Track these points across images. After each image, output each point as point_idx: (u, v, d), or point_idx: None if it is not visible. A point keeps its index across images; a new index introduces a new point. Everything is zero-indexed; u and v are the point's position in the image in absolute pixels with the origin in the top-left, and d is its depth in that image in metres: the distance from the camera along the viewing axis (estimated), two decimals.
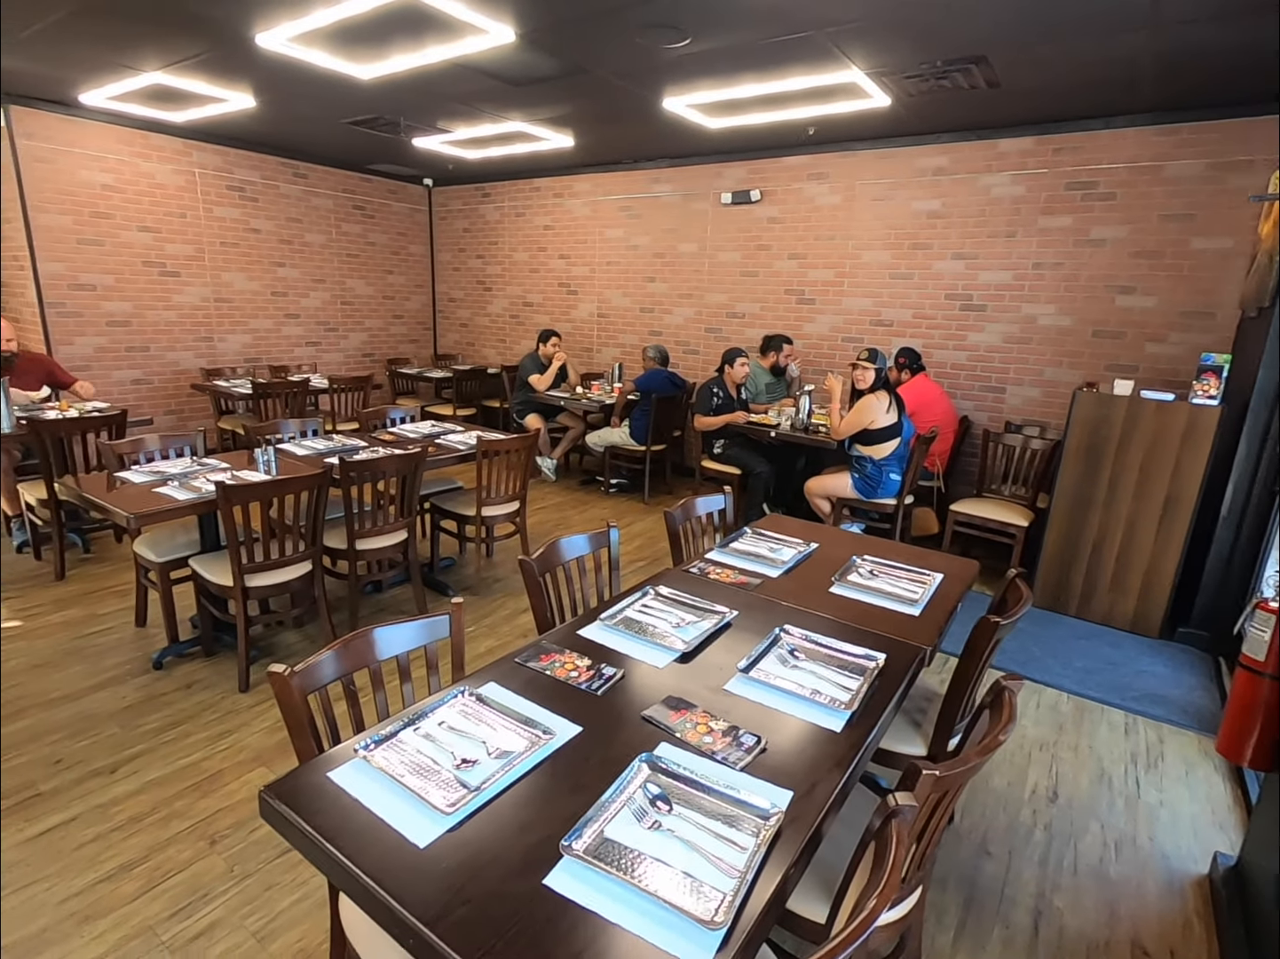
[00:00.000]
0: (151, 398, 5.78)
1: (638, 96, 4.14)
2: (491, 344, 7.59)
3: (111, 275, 5.42)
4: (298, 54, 3.55)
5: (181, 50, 3.71)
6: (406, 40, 3.36)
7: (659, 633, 1.65)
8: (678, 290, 6.08)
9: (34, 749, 2.30)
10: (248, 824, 2.02)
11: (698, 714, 1.34)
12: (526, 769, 1.17)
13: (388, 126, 5.11)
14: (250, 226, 6.19)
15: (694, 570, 2.07)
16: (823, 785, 1.17)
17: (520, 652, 1.55)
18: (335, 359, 7.08)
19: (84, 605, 3.30)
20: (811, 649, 1.61)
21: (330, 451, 3.36)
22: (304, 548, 2.76)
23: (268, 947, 1.66)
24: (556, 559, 1.95)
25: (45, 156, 4.98)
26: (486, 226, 7.28)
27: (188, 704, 2.59)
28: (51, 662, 2.82)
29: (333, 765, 1.16)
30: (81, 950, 1.62)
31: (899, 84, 3.69)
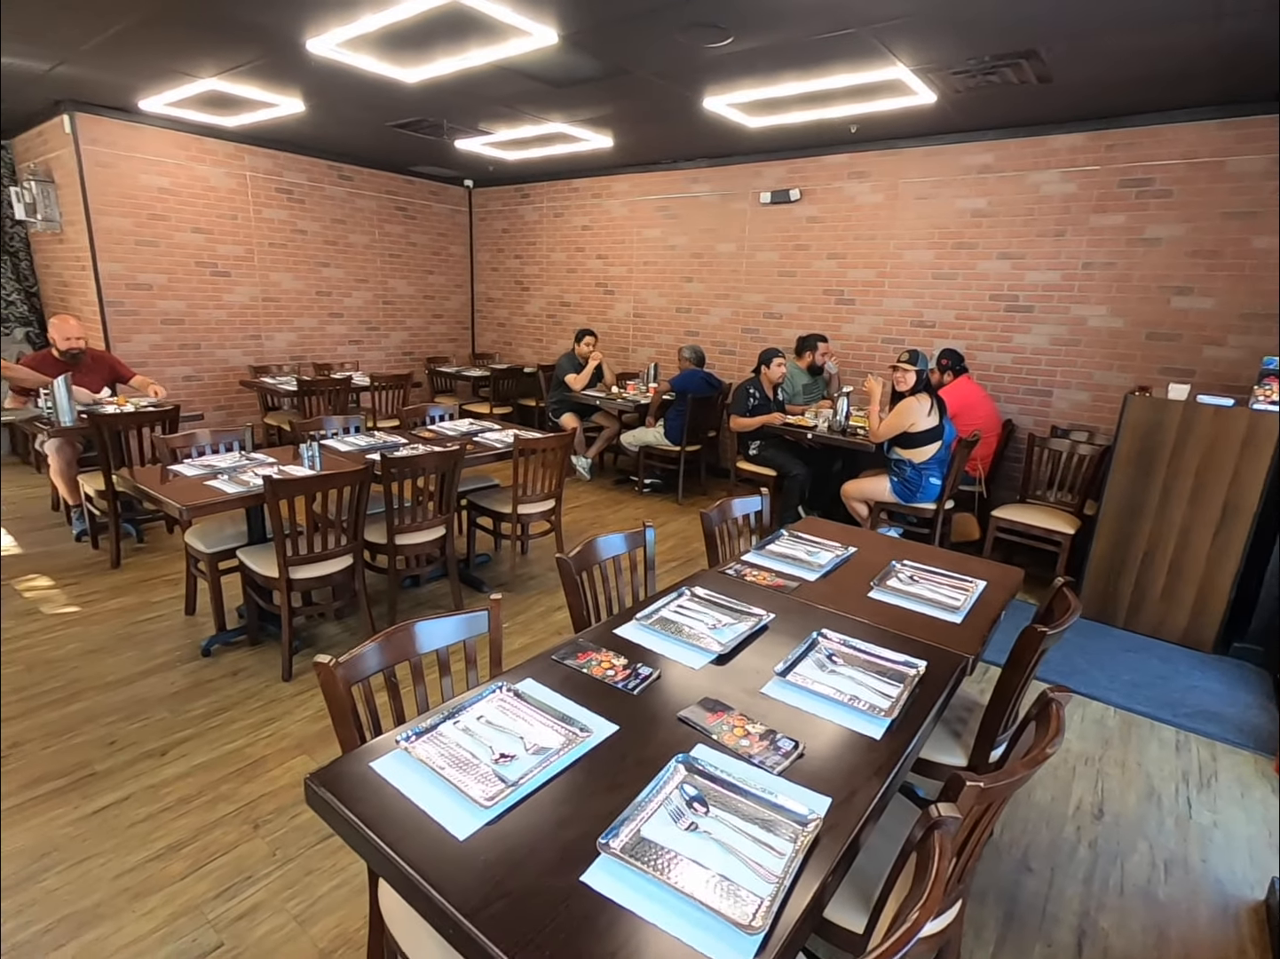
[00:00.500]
0: (202, 394, 5.97)
1: (678, 96, 4.14)
2: (528, 343, 7.66)
3: (166, 275, 5.62)
4: (346, 59, 3.63)
5: (236, 57, 3.82)
6: (450, 43, 3.41)
7: (695, 634, 1.65)
8: (715, 290, 6.05)
9: (90, 730, 2.40)
10: (289, 810, 2.08)
11: (734, 717, 1.33)
12: (563, 766, 1.18)
13: (431, 129, 5.19)
14: (297, 228, 6.36)
15: (730, 572, 2.05)
16: (862, 793, 1.16)
17: (557, 649, 1.56)
18: (377, 357, 7.22)
19: (137, 593, 3.42)
20: (850, 654, 1.58)
21: (372, 448, 3.43)
22: (346, 542, 2.82)
23: (308, 929, 1.70)
24: (593, 558, 1.96)
25: (107, 161, 5.19)
26: (525, 227, 7.35)
27: (233, 691, 2.67)
28: (106, 647, 2.93)
29: (375, 756, 1.19)
30: (133, 925, 1.69)
31: (945, 80, 3.62)
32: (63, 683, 2.66)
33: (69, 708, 2.51)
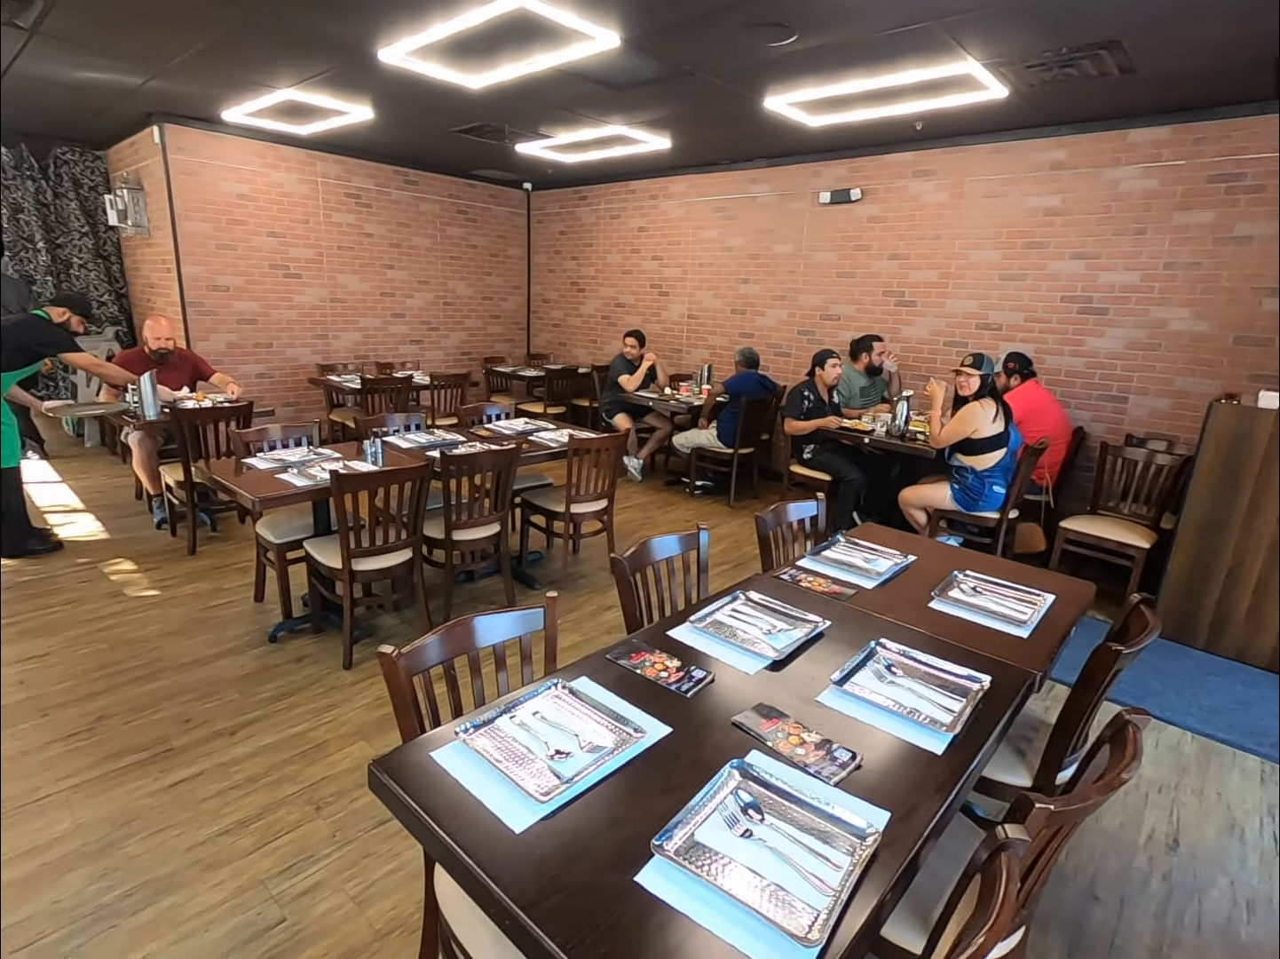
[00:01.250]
0: (273, 390, 6.24)
1: (738, 97, 4.11)
2: (583, 344, 7.73)
3: (242, 277, 5.90)
4: (414, 67, 3.74)
5: (312, 67, 3.98)
6: (515, 49, 3.48)
7: (749, 639, 1.63)
8: (771, 292, 5.99)
9: (168, 708, 2.53)
10: (349, 793, 2.15)
11: (789, 724, 1.31)
12: (618, 765, 1.18)
13: (493, 133, 5.30)
14: (364, 231, 6.58)
15: (785, 577, 2.03)
16: (922, 809, 1.12)
17: (611, 648, 1.57)
18: (436, 357, 7.42)
19: (211, 580, 3.60)
20: (910, 666, 1.54)
21: (431, 445, 3.52)
22: (406, 536, 2.90)
23: (365, 910, 1.76)
24: (647, 559, 1.97)
25: (192, 169, 5.48)
26: (582, 229, 7.42)
27: (298, 677, 2.77)
28: (183, 630, 3.09)
29: (435, 746, 1.21)
30: (204, 895, 1.77)
31: (1018, 74, 3.49)
32: (144, 662, 2.82)
33: (149, 685, 2.66)
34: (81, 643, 2.93)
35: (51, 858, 1.86)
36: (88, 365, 3.95)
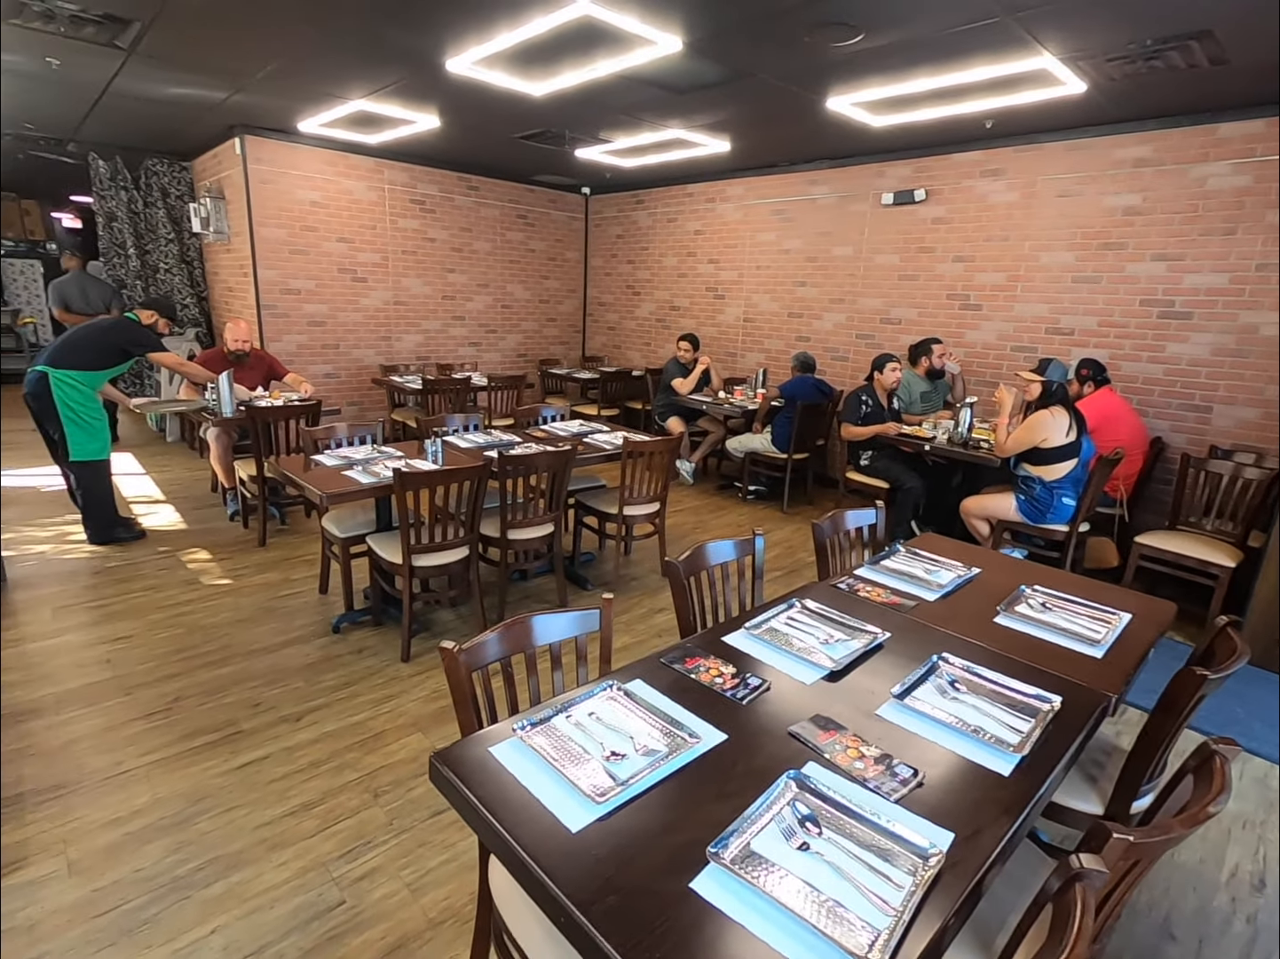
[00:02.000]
0: (339, 390, 6.48)
1: (800, 98, 4.06)
2: (637, 347, 7.77)
3: (313, 281, 6.15)
4: (480, 75, 3.83)
5: (383, 79, 4.12)
6: (578, 56, 3.52)
7: (805, 648, 1.61)
8: (829, 295, 5.89)
9: (238, 692, 2.65)
10: (406, 783, 2.21)
11: (848, 737, 1.29)
12: (672, 770, 1.18)
13: (553, 139, 5.38)
14: (427, 236, 6.77)
15: (842, 586, 1.99)
16: (988, 832, 1.08)
17: (666, 652, 1.57)
18: (494, 359, 7.57)
19: (279, 570, 3.76)
20: (974, 682, 1.49)
21: (489, 445, 3.59)
22: (463, 534, 2.97)
23: (419, 898, 1.80)
24: (702, 563, 1.96)
25: (269, 178, 5.74)
26: (638, 232, 7.46)
27: (358, 667, 2.87)
28: (253, 618, 3.24)
29: (493, 741, 1.24)
30: (270, 874, 1.85)
31: (1098, 68, 3.34)
32: (217, 647, 2.96)
33: (221, 670, 2.80)
34: (161, 627, 3.11)
35: (133, 829, 1.98)
36: (172, 364, 4.18)
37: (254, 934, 1.68)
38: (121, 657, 2.86)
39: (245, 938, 1.67)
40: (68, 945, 1.64)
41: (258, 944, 1.66)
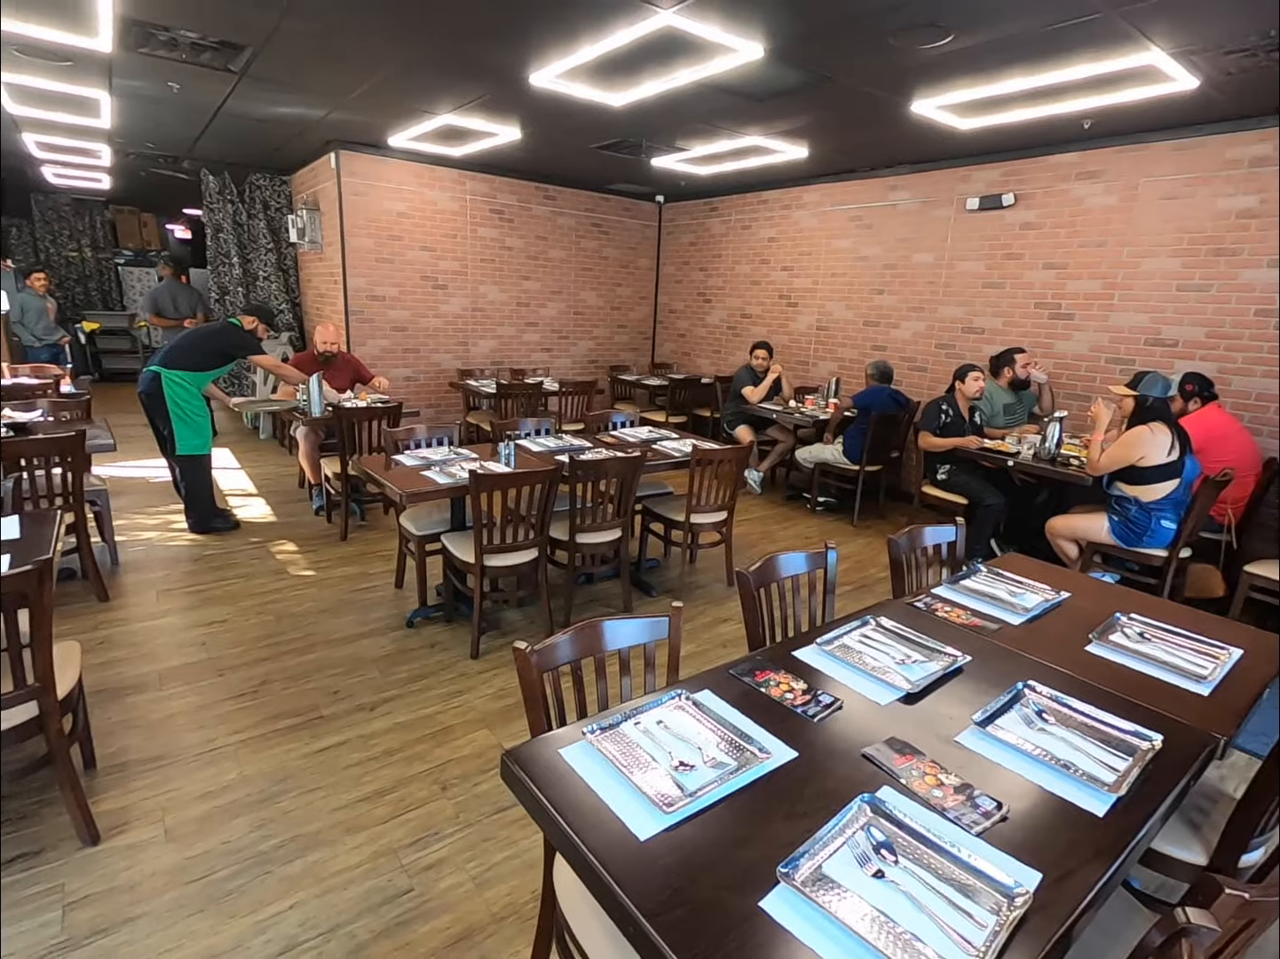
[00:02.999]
0: (418, 393, 6.74)
1: (883, 101, 3.97)
2: (707, 354, 7.75)
3: (397, 288, 6.42)
4: (561, 88, 3.92)
5: (469, 94, 4.28)
6: (658, 66, 3.55)
7: (880, 667, 1.56)
8: (907, 303, 5.72)
9: (319, 679, 2.78)
10: (472, 778, 2.26)
11: (925, 763, 1.24)
12: (742, 784, 1.17)
13: (630, 148, 5.44)
14: (505, 244, 6.96)
15: (919, 605, 1.92)
16: (1079, 875, 1.02)
17: (735, 664, 1.55)
18: (565, 364, 7.70)
19: (359, 564, 3.93)
20: (1064, 714, 1.41)
21: (560, 450, 3.65)
22: (533, 536, 3.03)
23: (483, 892, 1.84)
24: (772, 575, 1.93)
25: (360, 191, 6.04)
26: (711, 239, 7.45)
27: (430, 662, 2.96)
28: (333, 609, 3.39)
29: (563, 744, 1.25)
30: (345, 856, 1.93)
31: (1213, 62, 3.13)
32: (301, 635, 3.12)
33: (304, 657, 2.94)
34: (251, 613, 3.30)
35: (223, 802, 2.10)
36: (269, 366, 4.44)
37: (328, 913, 1.75)
38: (215, 639, 3.05)
39: (320, 916, 1.74)
40: (163, 908, 1.75)
41: (332, 923, 1.73)
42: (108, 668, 2.78)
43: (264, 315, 4.44)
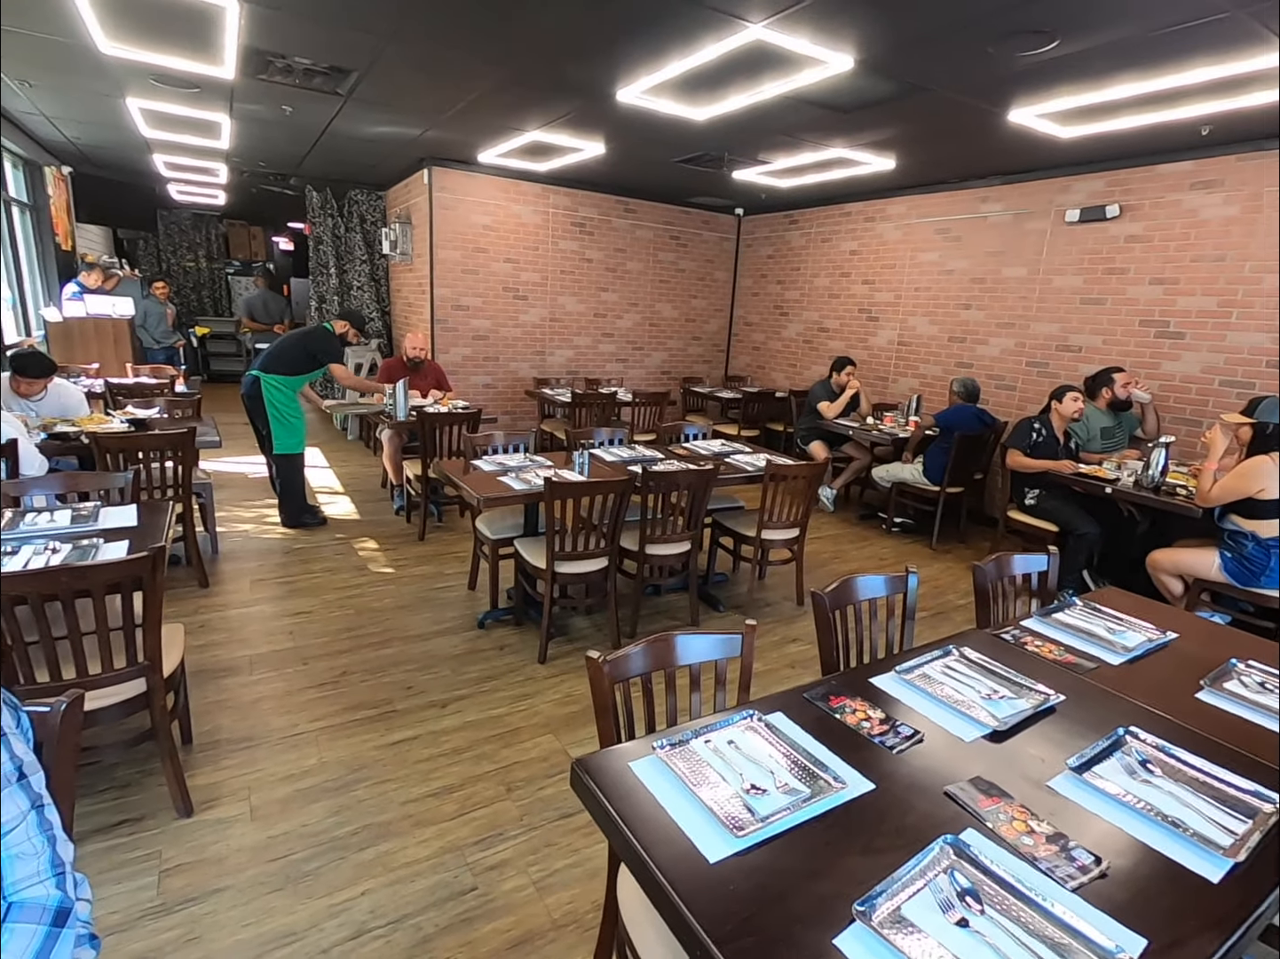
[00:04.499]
0: (495, 400, 6.93)
1: (977, 111, 3.83)
2: (782, 368, 7.65)
3: (480, 298, 6.64)
4: (647, 104, 3.97)
5: (557, 110, 4.39)
6: (744, 80, 3.55)
7: (964, 701, 1.48)
8: (996, 319, 5.48)
9: (395, 673, 2.89)
10: (537, 781, 2.29)
11: (1014, 807, 1.17)
12: (815, 813, 1.13)
13: (712, 162, 5.45)
14: (584, 257, 7.09)
15: (1007, 637, 1.82)
16: (1191, 946, 0.93)
17: (809, 687, 1.51)
18: (639, 375, 7.76)
19: (435, 564, 4.06)
20: (1172, 766, 1.30)
21: (632, 460, 3.67)
22: (604, 545, 3.05)
23: (544, 898, 1.85)
24: (849, 597, 1.87)
25: (449, 205, 6.29)
26: (790, 252, 7.36)
27: (499, 663, 3.02)
28: (410, 606, 3.52)
29: (633, 756, 1.25)
30: (413, 849, 1.98)
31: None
32: (379, 630, 3.25)
33: (381, 651, 3.06)
34: (335, 606, 3.45)
35: (303, 786, 2.20)
36: (339, 374, 4.54)
37: (397, 903, 1.80)
38: (301, 629, 3.21)
39: (389, 905, 1.80)
40: (245, 883, 1.84)
41: (399, 913, 1.78)
42: (205, 650, 2.97)
43: (355, 320, 4.65)
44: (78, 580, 1.76)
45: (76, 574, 1.76)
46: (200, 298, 11.15)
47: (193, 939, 1.68)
